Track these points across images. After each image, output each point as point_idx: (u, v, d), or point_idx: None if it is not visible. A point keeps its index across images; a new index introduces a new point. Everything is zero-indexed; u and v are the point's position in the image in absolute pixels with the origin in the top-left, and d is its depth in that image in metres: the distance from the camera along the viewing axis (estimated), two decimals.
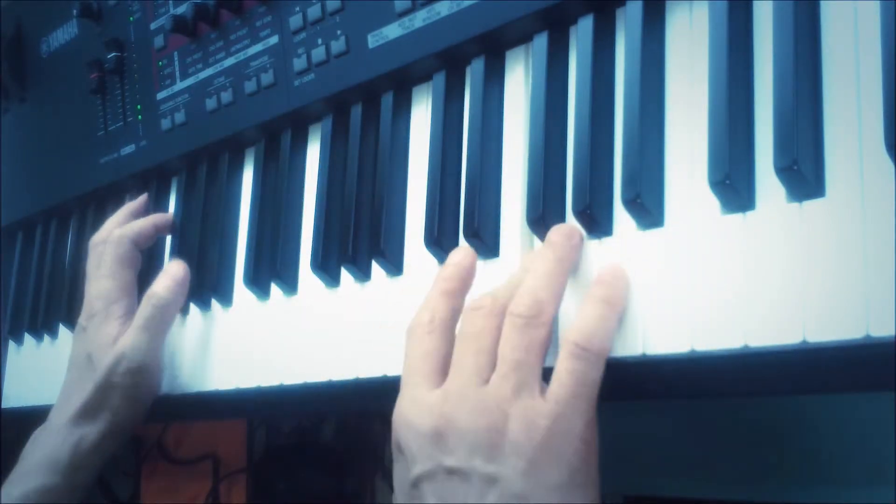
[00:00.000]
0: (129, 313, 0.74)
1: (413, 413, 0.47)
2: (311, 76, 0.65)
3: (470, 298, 0.50)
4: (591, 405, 0.44)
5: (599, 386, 0.45)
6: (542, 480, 0.43)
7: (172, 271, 0.73)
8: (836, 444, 0.62)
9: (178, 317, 0.76)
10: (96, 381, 0.71)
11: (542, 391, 0.45)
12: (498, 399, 0.45)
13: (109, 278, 0.75)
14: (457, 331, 0.49)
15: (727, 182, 0.43)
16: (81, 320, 0.76)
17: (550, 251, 0.48)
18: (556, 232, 0.49)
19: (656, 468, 0.45)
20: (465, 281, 0.51)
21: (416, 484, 0.46)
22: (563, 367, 0.44)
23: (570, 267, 0.49)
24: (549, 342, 0.46)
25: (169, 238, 0.79)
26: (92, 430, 0.71)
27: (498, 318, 0.47)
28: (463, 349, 0.47)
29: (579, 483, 0.44)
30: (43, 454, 0.71)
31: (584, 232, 0.49)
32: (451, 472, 0.45)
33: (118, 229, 0.76)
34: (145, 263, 0.80)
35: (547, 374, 0.45)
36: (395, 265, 0.59)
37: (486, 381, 0.46)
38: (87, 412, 0.71)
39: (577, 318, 0.46)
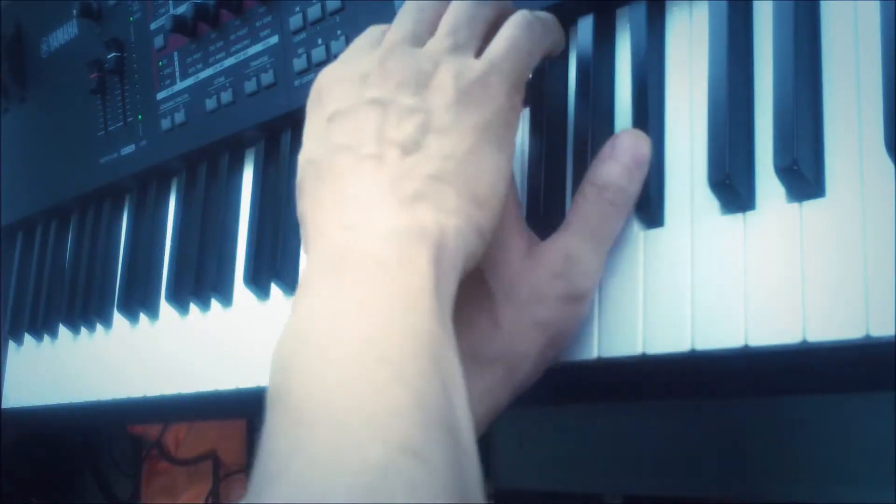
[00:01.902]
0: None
1: (340, 67, 0.46)
2: (312, 76, 0.65)
3: None
4: (524, 70, 0.45)
5: (533, 62, 0.46)
6: (464, 118, 0.43)
7: (629, 150, 0.48)
8: (836, 444, 0.62)
9: (178, 317, 0.76)
10: None
11: (477, 55, 0.45)
12: (431, 53, 0.45)
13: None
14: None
15: (727, 182, 0.43)
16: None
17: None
18: None
19: (656, 468, 0.45)
20: None
21: (331, 118, 0.44)
22: (502, 33, 0.45)
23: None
24: (493, 27, 0.46)
25: (169, 239, 0.79)
26: None
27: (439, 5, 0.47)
28: (401, 18, 0.47)
29: (497, 133, 0.44)
30: None
31: None
32: (372, 102, 0.43)
33: None
34: (144, 266, 0.80)
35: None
36: None
37: (421, 44, 0.45)
38: None
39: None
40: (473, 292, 0.47)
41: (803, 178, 0.40)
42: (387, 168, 0.42)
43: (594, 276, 0.47)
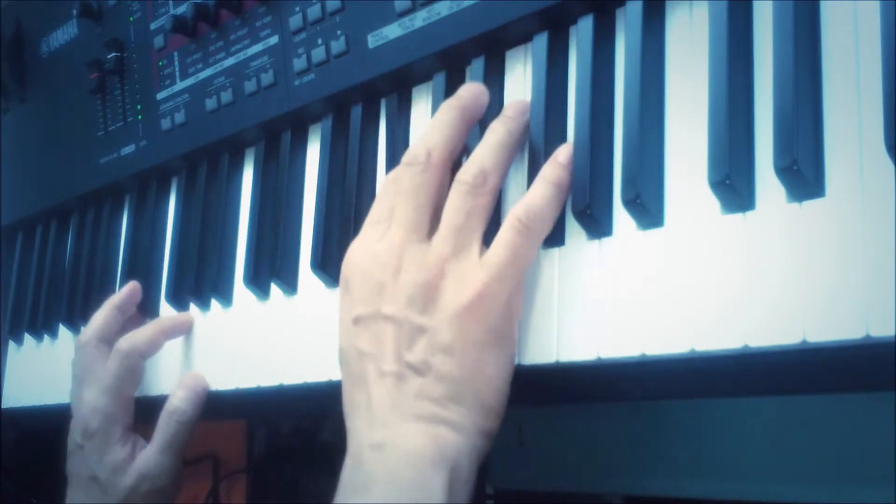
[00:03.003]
0: (129, 430, 0.71)
1: (362, 259, 0.52)
2: (311, 76, 0.65)
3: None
4: (521, 275, 0.49)
5: (531, 261, 0.49)
6: (466, 335, 0.47)
7: (190, 383, 0.70)
8: (836, 444, 0.62)
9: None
10: None
11: (481, 253, 0.49)
12: (438, 258, 0.49)
13: (111, 394, 0.71)
14: (391, 178, 0.53)
15: (727, 182, 0.43)
16: (76, 436, 0.72)
17: (502, 124, 0.52)
18: (510, 106, 0.53)
19: (656, 468, 0.45)
20: (472, 114, 0.54)
21: (356, 321, 0.51)
22: (503, 238, 0.49)
23: (519, 141, 0.53)
24: (492, 209, 0.51)
25: (169, 239, 0.79)
26: None
27: (431, 173, 0.51)
28: (401, 204, 0.52)
29: (497, 343, 0.48)
30: None
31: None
32: (387, 318, 0.49)
33: (125, 342, 0.72)
34: (144, 266, 0.80)
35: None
36: None
37: (425, 235, 0.51)
38: None
39: (526, 195, 0.49)
40: None
41: (803, 177, 0.40)
42: (404, 387, 0.48)
43: None
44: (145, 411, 0.74)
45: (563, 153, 0.50)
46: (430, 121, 0.54)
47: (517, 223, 0.48)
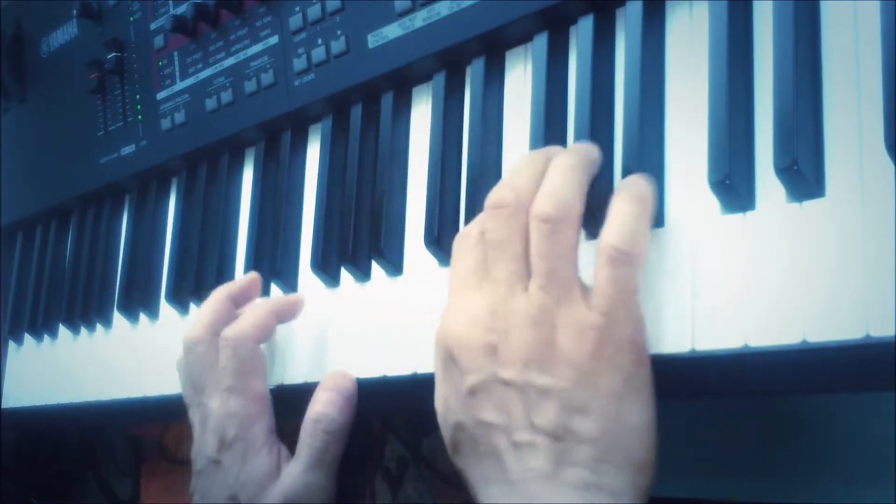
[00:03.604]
0: (272, 433, 0.61)
1: (462, 326, 0.46)
2: (311, 76, 0.65)
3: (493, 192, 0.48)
4: (636, 306, 0.44)
5: (638, 286, 0.44)
6: (599, 389, 0.43)
7: (335, 384, 0.59)
8: (836, 444, 0.62)
9: (178, 317, 0.76)
10: None
11: (583, 292, 0.44)
12: (542, 311, 0.44)
13: (239, 394, 0.60)
14: (467, 232, 0.48)
15: (727, 182, 0.43)
16: (208, 450, 0.60)
17: (572, 150, 0.47)
18: (576, 145, 0.48)
19: (657, 468, 0.45)
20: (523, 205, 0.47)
21: (472, 392, 0.45)
22: (604, 275, 0.43)
23: (596, 164, 0.47)
24: (578, 240, 0.45)
25: (169, 239, 0.79)
26: None
27: (523, 216, 0.46)
28: (495, 257, 0.46)
29: (635, 387, 0.43)
30: None
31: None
32: (507, 383, 0.44)
33: (230, 329, 0.61)
34: (144, 266, 0.80)
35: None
36: (395, 265, 0.59)
37: (525, 286, 0.45)
38: None
39: (610, 220, 0.44)
40: None
41: (803, 177, 0.40)
42: (546, 457, 0.43)
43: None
44: (145, 413, 0.74)
45: (630, 178, 0.46)
46: (513, 168, 0.48)
47: (613, 253, 0.43)
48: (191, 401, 0.63)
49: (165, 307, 0.77)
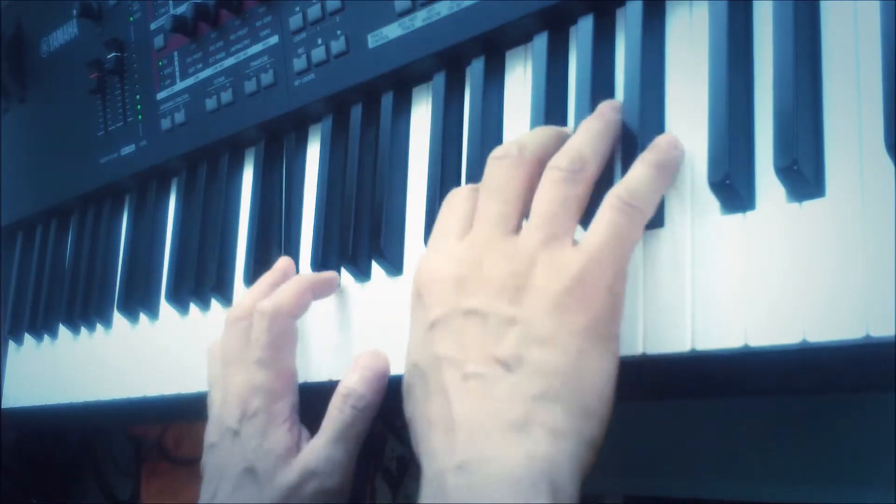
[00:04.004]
0: (295, 412, 0.59)
1: (436, 261, 0.46)
2: (311, 76, 0.65)
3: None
4: (624, 259, 0.44)
5: (634, 244, 0.44)
6: (566, 323, 0.42)
7: (369, 362, 0.57)
8: (836, 444, 0.62)
9: (178, 317, 0.76)
10: None
11: (574, 243, 0.44)
12: (526, 247, 0.44)
13: (269, 367, 0.58)
14: (455, 190, 0.49)
15: (727, 182, 0.43)
16: (229, 422, 0.58)
17: (599, 116, 0.47)
18: (604, 104, 0.48)
19: (656, 468, 0.45)
20: (544, 155, 0.47)
21: (432, 326, 0.45)
22: (602, 218, 0.43)
23: (617, 135, 0.47)
24: (587, 201, 0.45)
25: (169, 239, 0.79)
26: None
27: (524, 168, 0.46)
28: (486, 199, 0.46)
29: (602, 333, 0.42)
30: None
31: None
32: (469, 312, 0.43)
33: (267, 301, 0.60)
34: (144, 266, 0.80)
35: None
36: (395, 265, 0.59)
37: (514, 229, 0.45)
38: None
39: (626, 176, 0.44)
40: None
41: (803, 177, 0.40)
42: (492, 389, 0.42)
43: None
44: (145, 413, 0.74)
45: (663, 139, 0.45)
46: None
47: (617, 201, 0.43)
48: (215, 380, 0.61)
49: (165, 307, 0.77)
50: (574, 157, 0.45)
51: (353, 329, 0.61)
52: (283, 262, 0.65)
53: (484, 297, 0.43)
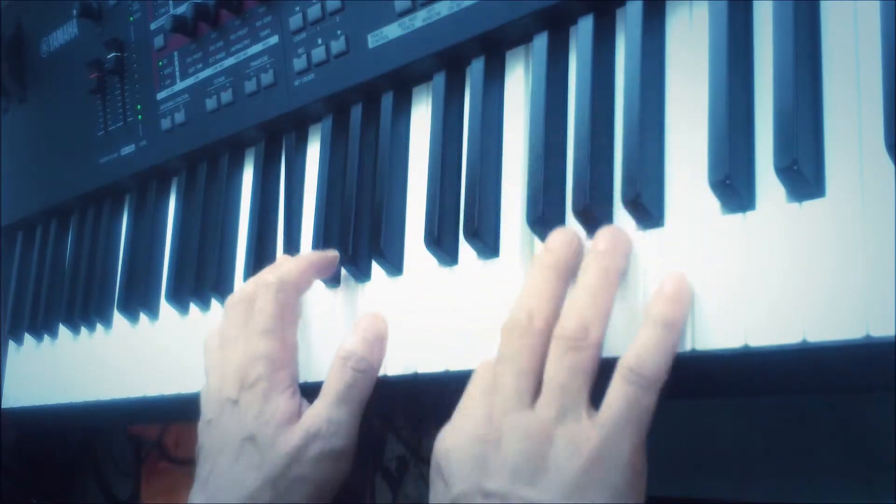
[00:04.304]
0: (295, 382, 0.58)
1: (454, 439, 0.46)
2: (311, 76, 0.65)
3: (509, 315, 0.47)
4: (642, 431, 0.43)
5: (652, 413, 0.43)
6: None
7: (369, 324, 0.58)
8: (836, 444, 0.62)
9: (178, 317, 0.76)
10: (267, 472, 0.54)
11: (590, 414, 0.44)
12: (542, 423, 0.44)
13: (273, 337, 0.58)
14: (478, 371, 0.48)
15: (727, 182, 0.43)
16: (227, 393, 0.57)
17: (596, 262, 0.46)
18: (602, 237, 0.46)
19: (657, 468, 0.45)
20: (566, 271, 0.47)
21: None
22: (615, 391, 0.43)
23: (619, 277, 0.46)
24: (597, 363, 0.45)
25: (169, 239, 0.79)
26: None
27: (534, 336, 0.46)
28: (502, 370, 0.46)
29: None
30: None
31: (584, 235, 0.49)
32: (489, 494, 0.43)
33: (272, 274, 0.60)
34: (144, 266, 0.80)
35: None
36: (394, 265, 0.59)
37: (529, 403, 0.45)
38: None
39: (635, 342, 0.44)
40: None
41: (803, 177, 0.40)
42: None
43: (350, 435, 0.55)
44: (145, 413, 0.74)
45: (669, 286, 0.43)
46: (524, 284, 0.47)
47: (629, 374, 0.43)
48: (212, 366, 0.61)
49: (165, 307, 0.77)
50: (578, 326, 0.44)
51: None
52: (283, 258, 0.65)
53: (503, 479, 0.43)
